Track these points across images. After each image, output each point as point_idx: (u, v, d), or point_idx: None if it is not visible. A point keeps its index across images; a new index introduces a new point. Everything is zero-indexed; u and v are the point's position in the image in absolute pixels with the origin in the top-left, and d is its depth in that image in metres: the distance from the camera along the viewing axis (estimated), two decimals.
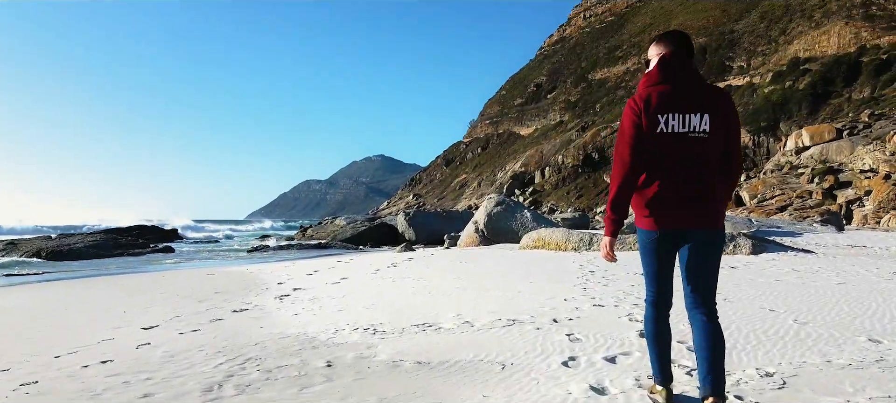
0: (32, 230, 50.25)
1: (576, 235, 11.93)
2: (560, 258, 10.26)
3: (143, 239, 36.87)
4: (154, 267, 16.11)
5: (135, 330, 5.69)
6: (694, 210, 2.56)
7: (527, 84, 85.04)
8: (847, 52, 59.97)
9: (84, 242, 24.25)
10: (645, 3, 79.97)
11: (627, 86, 68.90)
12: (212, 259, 21.09)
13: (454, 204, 66.83)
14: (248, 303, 6.99)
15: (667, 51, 2.63)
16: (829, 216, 26.89)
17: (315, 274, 9.61)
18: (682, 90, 2.57)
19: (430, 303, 6.01)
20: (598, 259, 10.04)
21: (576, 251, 11.62)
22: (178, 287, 9.25)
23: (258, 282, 9.21)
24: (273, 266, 12.62)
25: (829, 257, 10.37)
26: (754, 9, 67.26)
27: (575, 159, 64.06)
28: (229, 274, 10.99)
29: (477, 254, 11.77)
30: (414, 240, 27.15)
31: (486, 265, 9.41)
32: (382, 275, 8.58)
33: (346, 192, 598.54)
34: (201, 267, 14.46)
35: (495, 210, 16.37)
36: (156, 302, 7.72)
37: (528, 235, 12.75)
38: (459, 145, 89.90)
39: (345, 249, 25.34)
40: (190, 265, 17.82)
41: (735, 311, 5.22)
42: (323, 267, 10.84)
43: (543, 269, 8.52)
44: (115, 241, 25.32)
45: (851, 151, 36.75)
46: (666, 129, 2.53)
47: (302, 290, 7.75)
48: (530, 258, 10.36)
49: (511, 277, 7.70)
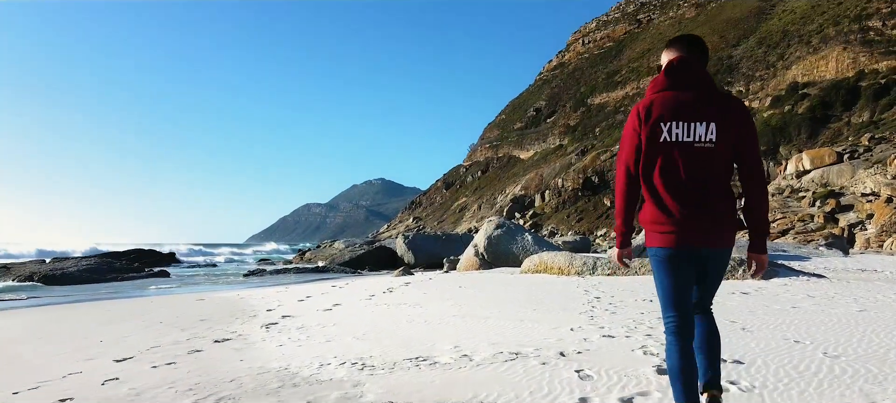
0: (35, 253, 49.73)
1: (579, 259, 11.48)
2: (563, 283, 9.81)
3: (139, 264, 36.46)
4: (145, 293, 15.62)
5: (106, 363, 5.24)
6: (702, 226, 2.41)
7: (526, 108, 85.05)
8: (845, 76, 60.02)
9: (78, 266, 23.77)
10: (643, 30, 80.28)
11: (626, 111, 68.84)
12: (206, 283, 20.60)
13: (454, 227, 66.35)
14: (232, 333, 6.53)
15: (676, 55, 2.48)
16: (834, 240, 26.51)
17: (307, 300, 9.15)
18: (688, 97, 2.41)
19: (425, 333, 5.56)
20: (603, 284, 9.59)
21: (579, 275, 11.16)
22: (164, 314, 8.79)
23: (247, 309, 8.75)
24: (266, 291, 12.15)
25: (843, 282, 9.92)
26: (752, 34, 67.49)
27: (575, 183, 63.75)
28: (219, 300, 10.52)
29: (476, 279, 11.32)
30: (413, 264, 26.68)
31: (485, 290, 8.95)
32: (376, 302, 8.12)
33: (346, 216, 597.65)
34: (193, 293, 13.98)
35: (495, 233, 15.95)
36: (136, 330, 7.26)
37: (530, 259, 12.31)
38: (459, 169, 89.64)
39: (343, 273, 24.85)
40: (183, 290, 17.33)
41: (758, 343, 4.77)
42: (316, 292, 10.38)
43: (547, 295, 8.06)
44: (110, 265, 24.84)
45: (852, 175, 36.60)
46: (669, 138, 2.39)
47: (291, 318, 7.29)
48: (532, 283, 9.91)
49: (513, 304, 7.25)
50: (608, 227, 59.54)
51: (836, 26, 63.62)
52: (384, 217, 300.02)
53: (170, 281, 22.24)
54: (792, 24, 66.61)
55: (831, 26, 64.19)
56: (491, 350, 4.60)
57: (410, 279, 12.42)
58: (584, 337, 5.01)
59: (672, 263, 2.47)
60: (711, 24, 70.95)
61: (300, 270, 25.88)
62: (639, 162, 2.44)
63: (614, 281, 9.96)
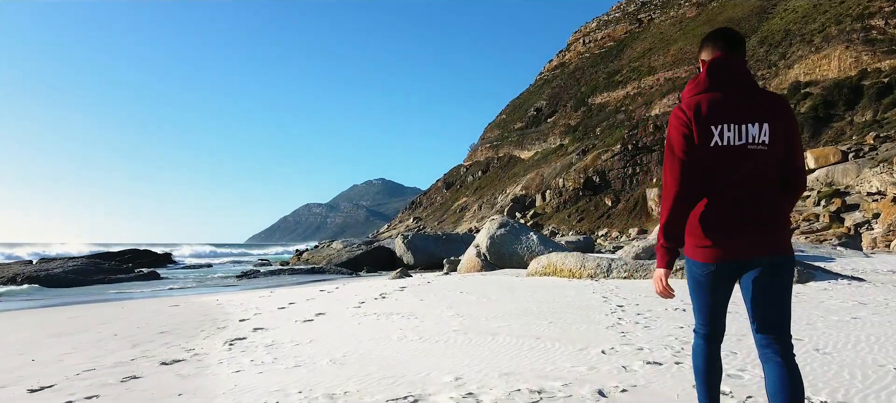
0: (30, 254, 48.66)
1: (592, 260, 10.32)
2: (576, 288, 8.64)
3: (133, 264, 35.28)
4: (124, 296, 14.45)
5: (16, 395, 4.09)
6: (756, 234, 2.21)
7: (527, 108, 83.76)
8: (848, 75, 58.89)
9: (64, 268, 22.60)
10: (644, 29, 79.02)
11: (627, 111, 67.66)
12: (193, 286, 19.45)
13: (454, 227, 65.16)
14: (188, 351, 5.37)
15: (718, 53, 2.29)
16: (847, 239, 25.46)
17: (289, 308, 7.99)
18: (737, 97, 2.23)
19: (419, 357, 4.39)
20: (622, 289, 8.43)
21: (592, 278, 10.00)
22: (126, 323, 7.63)
23: (219, 318, 7.59)
24: (250, 295, 10.98)
25: (887, 286, 8.78)
26: (754, 34, 66.32)
27: (576, 183, 62.56)
28: (194, 306, 9.36)
29: (479, 282, 10.15)
30: (412, 264, 25.52)
31: (490, 296, 7.79)
32: (365, 311, 6.95)
33: (346, 216, 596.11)
34: (174, 297, 12.82)
35: (498, 232, 14.78)
36: (83, 345, 6.11)
37: (537, 260, 11.15)
38: (460, 168, 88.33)
39: (339, 274, 23.69)
40: (166, 294, 16.17)
41: (848, 372, 3.61)
42: (302, 297, 9.21)
43: (562, 303, 6.90)
44: (98, 267, 23.66)
45: (858, 174, 35.92)
46: (721, 142, 2.20)
47: (263, 331, 6.13)
48: (542, 287, 8.74)
49: (524, 316, 6.08)
50: (610, 227, 58.37)
51: (838, 25, 62.48)
52: (384, 217, 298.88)
53: (157, 283, 21.08)
54: (794, 24, 65.47)
55: (833, 25, 63.04)
56: (504, 386, 3.42)
57: (407, 282, 11.25)
58: (622, 365, 3.84)
59: (713, 279, 2.28)
60: (713, 23, 69.72)
61: (295, 271, 24.71)
62: (693, 166, 2.19)
63: (633, 286, 8.81)
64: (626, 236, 51.12)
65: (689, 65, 66.80)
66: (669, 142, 2.28)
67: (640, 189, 59.68)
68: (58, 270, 22.01)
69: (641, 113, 65.38)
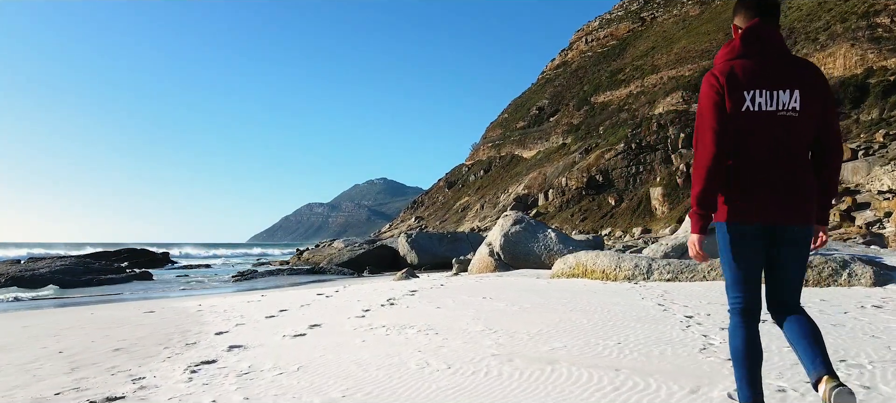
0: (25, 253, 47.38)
1: (629, 260, 8.88)
2: (618, 293, 7.21)
3: (129, 263, 33.83)
4: (100, 299, 13.03)
5: None
6: (784, 202, 2.19)
7: (529, 107, 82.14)
8: (853, 73, 57.55)
9: (51, 267, 21.17)
10: (647, 28, 77.46)
11: (630, 109, 66.18)
12: (184, 288, 18.05)
13: (456, 226, 63.68)
14: (136, 380, 3.94)
15: (753, 19, 2.24)
16: (871, 237, 24.20)
17: (279, 316, 6.56)
18: (770, 63, 2.19)
19: (450, 401, 2.98)
20: (673, 292, 7.00)
21: (629, 281, 8.57)
22: (79, 337, 6.21)
23: (192, 330, 6.16)
24: (238, 299, 9.55)
25: None
26: None
27: (579, 182, 61.16)
28: (170, 314, 7.93)
29: (500, 285, 8.70)
30: (416, 264, 24.11)
31: (521, 303, 6.36)
32: (371, 323, 5.51)
33: (348, 215, 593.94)
34: (154, 301, 11.39)
35: (514, 229, 13.35)
36: (8, 367, 4.70)
37: (563, 260, 9.70)
38: (462, 168, 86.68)
39: (340, 275, 22.27)
40: (154, 294, 14.77)
41: None
42: (296, 303, 7.77)
43: (616, 314, 5.47)
44: (87, 267, 22.22)
45: (868, 172, 34.90)
46: (752, 107, 2.16)
47: (241, 350, 4.70)
48: (577, 292, 7.30)
49: (578, 332, 4.65)
50: (613, 227, 56.99)
51: (844, 23, 61.11)
52: (386, 216, 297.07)
53: (147, 284, 19.66)
54: (798, 22, 64.13)
55: (838, 23, 61.67)
56: None
57: (416, 285, 9.79)
58: None
59: (747, 240, 2.23)
60: (716, 21, 68.26)
61: (295, 271, 23.29)
62: (725, 135, 2.16)
63: (683, 290, 7.38)
64: (631, 235, 49.79)
65: (692, 63, 65.40)
66: (701, 107, 2.24)
67: (643, 188, 58.28)
68: (44, 270, 20.58)
69: (645, 111, 63.99)
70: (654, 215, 55.66)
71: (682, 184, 56.30)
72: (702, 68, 63.89)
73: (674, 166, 58.17)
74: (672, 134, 60.37)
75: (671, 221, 51.59)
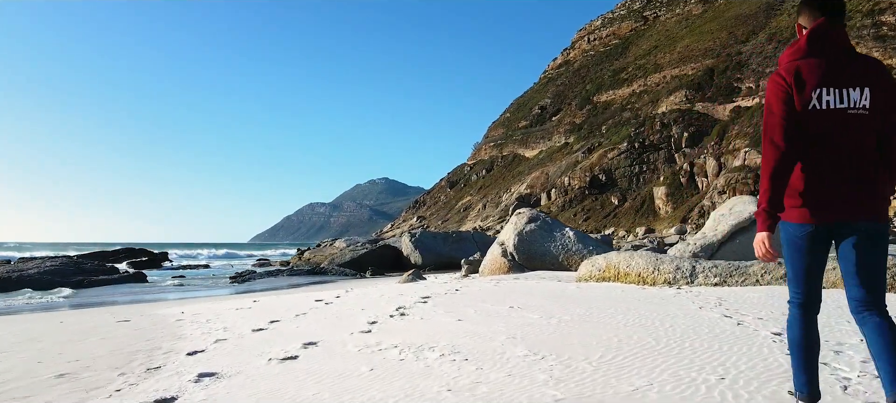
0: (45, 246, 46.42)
1: (669, 262, 7.75)
2: (667, 300, 6.08)
3: (126, 263, 32.70)
4: (82, 303, 11.91)
5: None
6: (855, 198, 2.13)
7: (531, 107, 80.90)
8: None
9: (40, 268, 20.05)
10: (650, 27, 76.25)
11: (633, 108, 65.01)
12: (177, 291, 16.94)
13: (459, 226, 62.49)
14: None
15: (819, 19, 2.19)
16: None
17: (269, 328, 5.43)
18: (837, 62, 2.15)
19: None
20: (727, 299, 5.89)
21: (670, 285, 7.44)
22: (27, 354, 5.08)
23: (162, 348, 5.03)
24: (227, 305, 8.41)
25: None
26: (762, 30, 63.78)
27: (581, 181, 60.05)
28: (145, 324, 6.80)
29: (522, 290, 7.56)
30: (420, 265, 22.98)
31: (559, 315, 5.22)
32: (379, 341, 4.36)
33: (349, 215, 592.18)
34: (139, 305, 10.28)
35: (528, 228, 12.22)
36: None
37: (592, 262, 8.57)
38: (463, 167, 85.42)
39: (342, 275, 21.15)
40: (143, 296, 13.65)
41: None
42: (291, 312, 6.63)
43: (684, 329, 4.34)
44: (79, 267, 21.10)
45: None
46: (819, 106, 2.13)
47: (211, 380, 3.57)
48: (618, 299, 6.17)
49: (658, 357, 3.51)
50: (616, 226, 55.85)
51: (849, 22, 59.97)
52: (388, 216, 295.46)
53: (138, 286, 18.54)
54: None
55: None
56: None
57: (426, 289, 8.64)
58: None
59: (812, 240, 2.20)
60: (720, 20, 67.11)
61: (295, 272, 22.17)
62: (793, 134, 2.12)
63: (740, 295, 6.26)
64: (634, 235, 48.75)
65: (695, 62, 64.29)
66: (768, 107, 2.22)
67: (646, 187, 57.15)
68: (32, 271, 19.47)
69: (648, 111, 62.88)
70: (658, 215, 54.55)
71: (686, 183, 55.17)
72: (705, 67, 62.81)
73: (677, 165, 57.04)
74: (675, 133, 59.28)
75: (675, 221, 50.44)
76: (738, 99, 60.45)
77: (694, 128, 58.86)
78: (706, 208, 49.22)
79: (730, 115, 57.84)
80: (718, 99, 60.54)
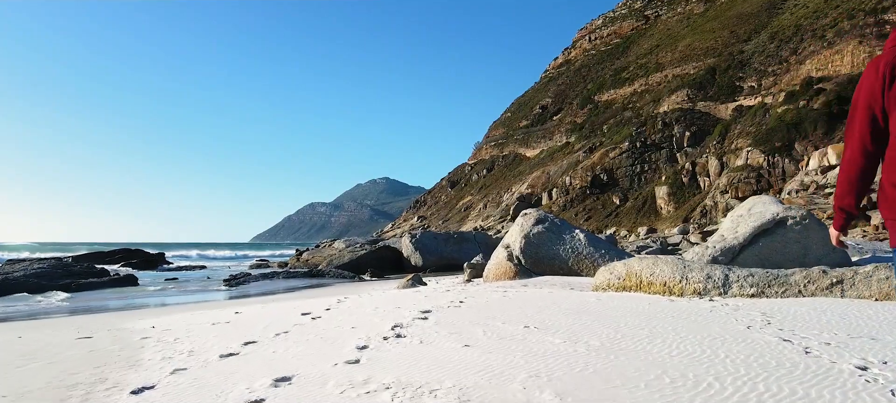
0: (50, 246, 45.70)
1: (698, 270, 6.86)
2: (704, 316, 5.19)
3: (122, 263, 31.82)
4: (57, 310, 11.03)
5: None
6: None
7: (532, 106, 79.91)
8: (861, 71, 55.38)
9: (26, 271, 19.18)
10: (651, 26, 75.25)
11: (634, 108, 64.12)
12: (165, 295, 16.07)
13: (459, 226, 61.61)
14: None
15: None
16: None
17: (242, 353, 4.55)
18: None
19: None
20: (776, 314, 4.99)
21: (700, 296, 6.55)
22: None
23: (107, 380, 4.13)
24: (206, 317, 7.51)
25: None
26: (764, 29, 62.93)
27: (583, 181, 59.22)
28: (107, 341, 5.92)
29: (535, 302, 6.67)
30: (421, 266, 22.13)
31: (586, 339, 4.33)
32: (368, 378, 3.44)
33: (350, 215, 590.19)
34: (112, 314, 9.39)
35: (536, 230, 11.32)
36: None
37: (610, 269, 7.67)
38: (464, 167, 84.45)
39: (339, 278, 20.27)
40: (128, 300, 12.78)
41: None
42: (270, 329, 5.73)
43: (744, 359, 3.45)
44: (67, 270, 20.22)
45: None
46: None
47: None
48: (650, 315, 5.28)
49: None
50: (618, 226, 55.02)
51: (851, 20, 59.08)
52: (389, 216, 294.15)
53: (127, 290, 17.67)
54: (805, 19, 62.17)
55: (846, 20, 59.64)
56: None
57: (427, 299, 7.73)
58: None
59: None
60: (721, 19, 66.17)
61: (291, 274, 21.29)
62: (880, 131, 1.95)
63: (784, 308, 5.37)
64: (636, 235, 47.96)
65: (697, 61, 63.46)
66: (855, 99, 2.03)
67: (648, 187, 56.33)
68: (18, 274, 18.58)
69: (649, 110, 62.08)
70: (660, 214, 53.75)
71: (688, 182, 54.32)
72: (706, 66, 62.04)
73: (679, 165, 56.22)
74: (677, 132, 58.53)
75: (677, 220, 49.58)
76: (740, 98, 59.62)
77: (696, 128, 58.13)
78: (708, 208, 48.37)
79: (732, 114, 57.10)
80: (720, 98, 59.81)
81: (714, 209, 48.55)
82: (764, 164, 51.39)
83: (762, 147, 51.17)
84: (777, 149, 51.59)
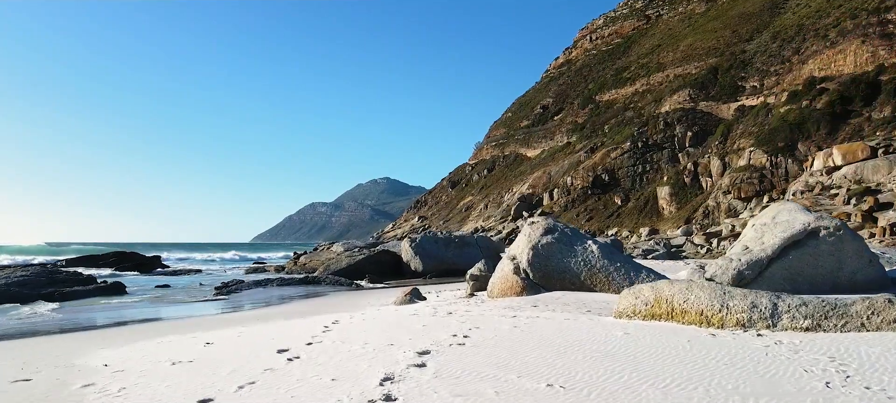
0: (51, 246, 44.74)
1: (741, 298, 5.84)
2: (764, 363, 4.19)
3: (117, 267, 30.88)
4: (23, 328, 10.02)
5: None
6: None
7: (533, 106, 78.91)
8: (865, 70, 54.45)
9: (8, 278, 18.17)
10: (652, 25, 74.24)
11: (636, 108, 63.10)
12: (153, 306, 15.06)
13: (460, 226, 60.64)
14: None
15: None
16: None
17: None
18: None
19: None
20: (852, 360, 3.99)
21: (744, 329, 5.55)
22: None
23: None
24: (172, 351, 6.51)
25: None
26: (766, 29, 61.90)
27: (584, 181, 58.20)
28: (42, 387, 4.91)
29: (552, 339, 5.66)
30: (420, 271, 21.15)
31: None
32: None
33: (351, 215, 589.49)
34: (74, 336, 8.40)
35: (545, 241, 10.31)
36: None
37: (635, 293, 6.66)
38: (465, 167, 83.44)
39: (336, 285, 19.27)
40: (108, 314, 11.78)
41: None
42: (234, 379, 4.72)
43: None
44: (52, 277, 19.22)
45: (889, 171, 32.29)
46: None
47: None
48: (695, 362, 4.27)
49: None
50: (620, 226, 53.99)
51: (854, 19, 58.02)
52: (389, 216, 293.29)
53: (107, 302, 16.64)
54: (807, 18, 61.14)
55: (848, 19, 58.57)
56: None
57: (426, 329, 6.70)
58: None
59: None
60: (723, 18, 65.11)
61: (285, 281, 20.28)
62: None
63: (853, 348, 4.36)
64: (638, 236, 47.02)
65: (698, 61, 62.44)
66: None
67: (650, 187, 55.30)
68: (2, 281, 17.60)
69: (651, 110, 61.07)
70: (662, 215, 52.73)
71: (690, 183, 53.28)
72: (708, 66, 61.05)
73: (681, 165, 55.19)
74: (679, 132, 57.51)
75: (679, 221, 48.57)
76: (743, 98, 58.59)
77: (697, 128, 57.13)
78: (710, 208, 47.31)
79: (734, 114, 56.11)
80: (722, 98, 58.83)
81: (716, 210, 47.54)
82: (766, 165, 50.32)
83: (765, 147, 50.18)
84: (780, 149, 50.54)
